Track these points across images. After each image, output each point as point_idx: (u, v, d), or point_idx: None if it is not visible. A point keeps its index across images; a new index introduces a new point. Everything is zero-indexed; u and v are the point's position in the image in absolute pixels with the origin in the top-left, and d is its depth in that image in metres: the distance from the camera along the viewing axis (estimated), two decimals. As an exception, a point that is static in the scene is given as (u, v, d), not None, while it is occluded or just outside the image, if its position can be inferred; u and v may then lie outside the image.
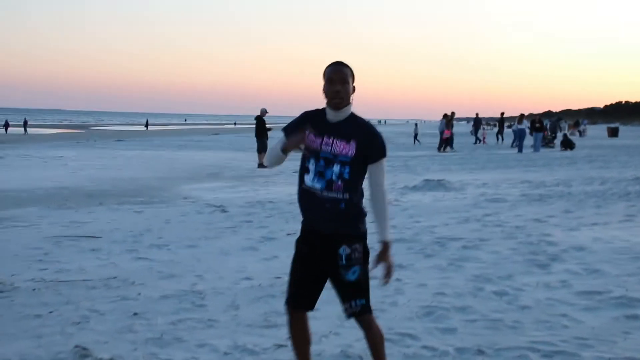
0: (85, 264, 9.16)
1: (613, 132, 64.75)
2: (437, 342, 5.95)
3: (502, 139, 50.08)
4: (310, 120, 4.55)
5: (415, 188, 17.90)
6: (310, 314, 6.65)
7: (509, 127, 56.23)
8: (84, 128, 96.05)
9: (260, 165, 27.16)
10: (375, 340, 4.66)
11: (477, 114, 52.85)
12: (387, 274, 4.58)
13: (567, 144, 38.82)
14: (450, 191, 17.25)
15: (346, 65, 4.49)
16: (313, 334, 6.06)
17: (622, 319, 6.51)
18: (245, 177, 23.46)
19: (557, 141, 42.84)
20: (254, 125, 29.38)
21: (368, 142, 4.44)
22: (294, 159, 4.70)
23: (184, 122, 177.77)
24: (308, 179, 4.53)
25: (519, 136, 38.69)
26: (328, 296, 7.33)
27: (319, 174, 4.46)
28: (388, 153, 4.54)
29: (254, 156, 29.82)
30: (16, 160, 28.77)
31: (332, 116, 4.48)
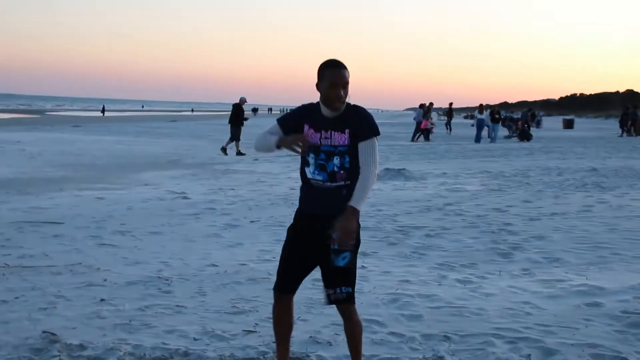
0: (49, 250, 9.10)
1: (568, 124, 65.60)
2: (403, 328, 6.04)
3: (451, 129, 50.63)
4: (308, 116, 4.58)
5: (375, 177, 17.98)
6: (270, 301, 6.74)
7: (469, 117, 56.74)
8: (39, 113, 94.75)
9: (239, 153, 27.37)
10: (355, 330, 4.70)
11: (450, 104, 53.28)
12: (341, 237, 4.31)
13: (524, 135, 39.25)
14: (410, 180, 17.39)
15: (345, 67, 4.48)
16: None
17: (583, 306, 6.65)
18: (205, 164, 23.41)
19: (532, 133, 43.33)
20: (230, 112, 29.37)
21: (358, 124, 4.46)
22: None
23: (141, 109, 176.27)
24: (309, 171, 4.58)
25: (478, 126, 38.97)
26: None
27: (320, 167, 4.51)
28: (381, 131, 4.54)
29: (214, 144, 29.77)
30: (-28, 145, 28.37)
31: (329, 113, 4.50)
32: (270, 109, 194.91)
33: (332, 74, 4.42)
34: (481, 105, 40.94)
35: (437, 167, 21.26)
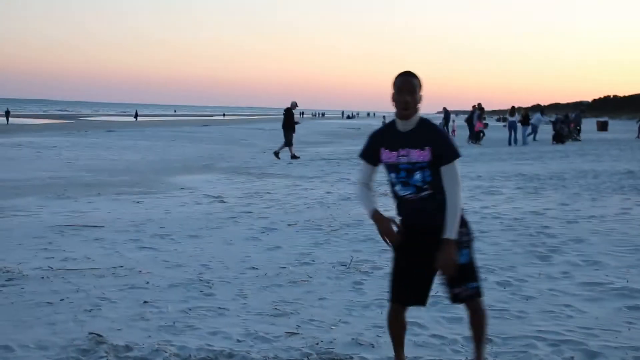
0: (91, 253, 9.24)
1: (602, 126, 65.02)
2: (445, 330, 6.07)
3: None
4: (380, 140, 4.68)
5: (411, 180, 17.98)
6: (318, 303, 6.80)
7: (500, 119, 56.47)
8: (72, 119, 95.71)
9: (293, 157, 27.62)
10: (482, 321, 4.88)
11: (444, 108, 53.18)
12: (444, 271, 4.58)
13: (558, 138, 39.00)
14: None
15: (415, 76, 4.60)
16: (321, 322, 6.22)
17: (624, 309, 6.62)
18: (240, 168, 23.55)
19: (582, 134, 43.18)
20: (282, 117, 29.42)
21: (439, 146, 4.53)
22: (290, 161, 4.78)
23: (173, 113, 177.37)
24: (397, 189, 4.67)
25: (510, 128, 38.77)
26: (335, 286, 7.49)
27: (404, 184, 4.60)
28: (460, 153, 4.59)
29: (247, 148, 29.93)
30: (10, 150, 28.74)
31: (402, 126, 4.60)
32: (302, 113, 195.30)
33: (399, 81, 4.57)
34: (513, 107, 40.60)
35: (472, 170, 21.19)
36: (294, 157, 27.72)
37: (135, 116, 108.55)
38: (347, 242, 9.85)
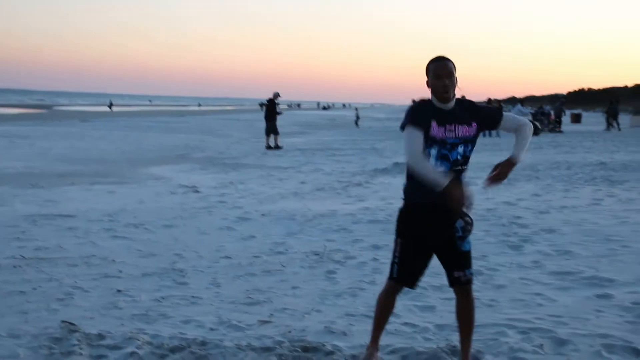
0: (64, 242, 9.21)
1: (576, 118, 65.45)
2: (417, 319, 6.12)
3: None
4: (431, 112, 4.64)
5: (385, 171, 18.08)
6: (291, 292, 6.84)
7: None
8: (46, 108, 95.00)
9: (269, 147, 27.57)
10: (472, 306, 5.02)
11: (413, 100, 53.18)
12: (495, 177, 4.86)
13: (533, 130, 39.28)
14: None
15: (449, 60, 4.68)
16: (294, 311, 6.25)
17: (593, 298, 6.70)
18: (214, 158, 23.51)
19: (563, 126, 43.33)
20: (265, 107, 29.52)
21: (482, 116, 4.77)
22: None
23: (148, 103, 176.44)
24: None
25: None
26: (307, 275, 7.52)
27: (443, 157, 4.64)
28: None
29: (222, 139, 29.88)
30: (-18, 140, 28.52)
31: (447, 105, 4.66)
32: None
33: (436, 67, 4.63)
34: (489, 99, 40.83)
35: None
36: (269, 147, 27.86)
37: (110, 106, 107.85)
38: (321, 232, 9.89)
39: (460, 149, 4.67)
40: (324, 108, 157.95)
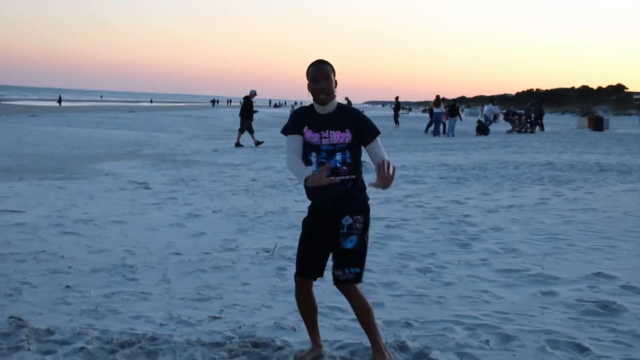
0: (12, 238, 9.12)
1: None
2: (366, 315, 6.18)
3: (398, 124, 50.68)
4: (305, 118, 4.82)
5: (335, 169, 18.11)
6: (242, 288, 6.86)
7: (426, 111, 56.77)
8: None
9: (237, 145, 27.82)
10: (364, 307, 4.98)
11: (397, 98, 53.42)
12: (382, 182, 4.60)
13: (482, 130, 39.59)
14: (369, 172, 17.38)
15: (327, 63, 4.78)
16: (244, 307, 6.28)
17: (539, 295, 6.83)
18: (165, 155, 23.39)
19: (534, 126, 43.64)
20: (240, 105, 29.58)
21: (360, 127, 4.78)
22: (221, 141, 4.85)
23: (99, 99, 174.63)
24: (312, 170, 4.79)
25: (436, 120, 39.10)
26: (258, 271, 7.55)
27: (323, 165, 4.71)
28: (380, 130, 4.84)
29: (172, 135, 29.71)
30: None
31: (321, 110, 4.79)
32: (229, 101, 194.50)
33: (313, 70, 4.75)
34: (437, 97, 40.21)
35: (397, 160, 21.40)
36: (238, 145, 28.18)
37: (59, 101, 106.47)
38: (272, 229, 9.93)
39: (339, 157, 4.76)
40: (276, 106, 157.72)
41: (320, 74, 4.73)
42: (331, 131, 4.74)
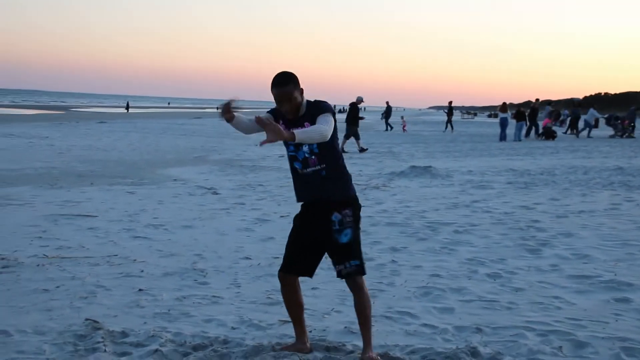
0: (85, 242, 9.32)
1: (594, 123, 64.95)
2: (436, 320, 6.18)
3: (452, 128, 50.13)
4: (279, 115, 5.00)
5: (402, 174, 18.09)
6: (311, 292, 6.88)
7: (491, 116, 56.29)
8: (64, 109, 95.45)
9: (342, 151, 27.20)
10: (364, 302, 5.10)
11: (387, 102, 53.70)
12: (267, 129, 4.55)
13: (549, 134, 39.04)
14: (436, 178, 17.45)
15: (287, 82, 4.84)
16: (315, 311, 6.31)
17: (612, 301, 6.75)
18: (232, 160, 23.57)
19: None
20: (347, 111, 29.52)
21: (315, 111, 4.89)
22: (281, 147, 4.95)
23: (167, 105, 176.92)
24: (290, 162, 5.08)
25: (502, 124, 38.75)
26: (327, 276, 7.57)
27: (293, 158, 5.00)
28: (334, 111, 4.90)
29: (238, 140, 29.91)
30: (2, 140, 28.67)
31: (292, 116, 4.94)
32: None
33: (275, 94, 4.87)
34: (504, 103, 40.51)
35: (463, 165, 21.33)
36: (343, 151, 27.51)
37: (127, 108, 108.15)
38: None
39: (306, 148, 4.90)
40: (339, 112, 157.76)
41: (283, 97, 4.85)
42: (294, 128, 4.77)
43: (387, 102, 53.82)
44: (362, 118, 29.16)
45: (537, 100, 43.20)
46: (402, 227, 10.54)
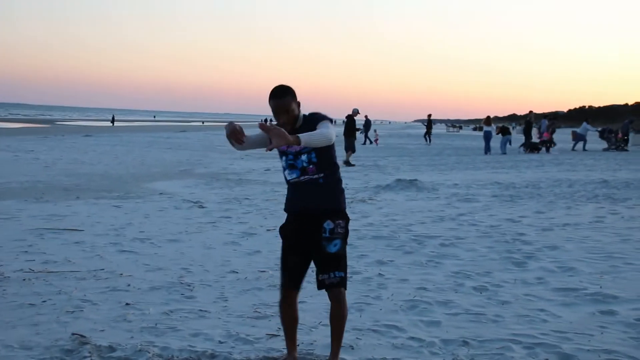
0: (71, 256, 9.29)
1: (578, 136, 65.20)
2: (423, 333, 6.19)
3: (430, 140, 50.73)
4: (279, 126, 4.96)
5: (388, 187, 18.14)
6: (298, 306, 6.88)
7: (476, 129, 56.55)
8: (49, 123, 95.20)
9: (347, 163, 27.22)
10: (341, 314, 5.14)
11: (366, 116, 54.30)
12: (272, 135, 4.54)
13: (533, 147, 39.20)
14: (422, 191, 17.50)
15: (285, 95, 4.92)
16: (303, 325, 6.32)
17: (597, 314, 6.78)
18: (218, 174, 23.57)
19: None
20: (344, 124, 29.43)
21: (312, 123, 4.94)
22: (265, 158, 4.93)
23: (152, 119, 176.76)
24: (286, 173, 5.09)
25: (486, 137, 38.95)
26: (314, 290, 7.55)
27: (291, 167, 5.01)
28: (331, 119, 5.00)
29: (224, 155, 29.91)
30: (-14, 154, 28.62)
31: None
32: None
33: (272, 105, 4.94)
34: (488, 117, 40.94)
35: (449, 178, 21.40)
36: (347, 163, 27.18)
37: (112, 121, 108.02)
38: (326, 248, 9.94)
39: (304, 157, 4.94)
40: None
41: (280, 109, 4.92)
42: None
43: (366, 116, 54.33)
44: (358, 129, 29.18)
45: (530, 112, 43.30)
46: (388, 240, 10.57)
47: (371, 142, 51.22)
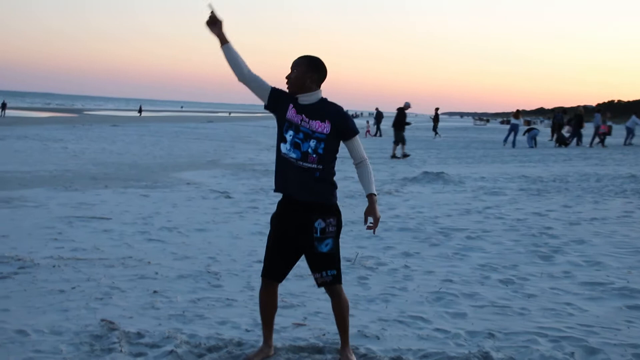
0: (100, 244, 9.38)
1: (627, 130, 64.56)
2: (448, 325, 6.21)
3: (437, 134, 50.37)
4: (293, 99, 5.03)
5: (414, 180, 18.14)
6: (324, 296, 6.92)
7: (504, 122, 56.17)
8: (76, 112, 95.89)
9: (394, 156, 27.62)
10: (342, 307, 5.19)
11: (377, 108, 54.40)
12: (375, 225, 5.04)
13: (561, 141, 38.96)
14: (449, 184, 17.47)
15: (303, 59, 5.01)
16: (328, 315, 6.35)
17: (624, 308, 6.76)
18: (245, 164, 23.66)
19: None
20: (394, 116, 29.53)
21: (341, 122, 4.98)
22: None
23: (180, 109, 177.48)
24: (284, 147, 5.00)
25: (512, 129, 38.80)
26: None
27: (295, 145, 4.95)
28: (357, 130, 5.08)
29: (251, 145, 29.98)
30: (16, 143, 28.88)
31: (303, 99, 4.99)
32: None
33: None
34: (517, 110, 40.79)
35: (475, 171, 21.34)
36: (394, 157, 27.80)
37: (140, 111, 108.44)
38: (352, 239, 9.98)
39: (313, 143, 4.91)
40: (353, 116, 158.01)
41: (292, 66, 5.01)
42: (311, 120, 4.92)
43: (377, 108, 54.34)
44: (408, 123, 29.11)
45: (578, 106, 42.89)
46: (414, 232, 10.58)
47: (381, 135, 50.93)
